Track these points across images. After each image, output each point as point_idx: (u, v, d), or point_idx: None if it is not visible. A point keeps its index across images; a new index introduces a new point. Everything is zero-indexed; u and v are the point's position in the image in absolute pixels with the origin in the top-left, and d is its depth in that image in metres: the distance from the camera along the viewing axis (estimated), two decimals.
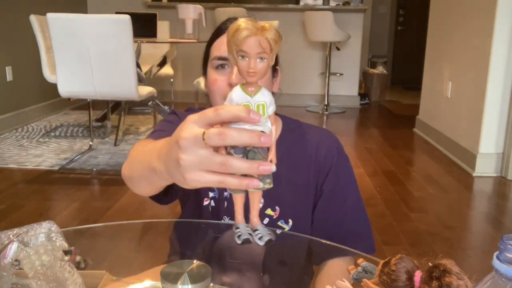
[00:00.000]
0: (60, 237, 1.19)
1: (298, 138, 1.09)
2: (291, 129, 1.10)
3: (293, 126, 1.11)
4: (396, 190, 3.14)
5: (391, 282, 0.58)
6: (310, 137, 1.09)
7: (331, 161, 1.07)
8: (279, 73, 1.08)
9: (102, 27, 3.01)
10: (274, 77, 1.06)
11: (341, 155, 1.09)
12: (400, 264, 0.59)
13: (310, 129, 1.13)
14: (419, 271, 0.57)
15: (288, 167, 1.03)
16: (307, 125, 1.14)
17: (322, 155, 1.06)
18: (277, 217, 1.02)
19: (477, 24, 3.62)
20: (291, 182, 1.03)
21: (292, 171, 1.04)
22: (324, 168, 1.06)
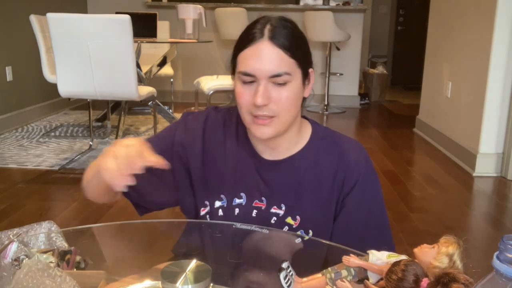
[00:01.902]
0: (60, 237, 1.19)
1: (325, 147, 1.02)
2: (319, 137, 1.04)
3: (322, 134, 1.04)
4: (396, 190, 3.14)
5: (397, 281, 0.59)
6: (338, 147, 1.02)
7: (357, 175, 1.00)
8: (313, 76, 0.99)
9: (102, 27, 3.00)
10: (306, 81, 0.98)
11: (369, 169, 1.02)
12: (411, 266, 0.60)
13: (339, 138, 1.05)
14: (427, 278, 0.58)
15: (313, 176, 1.00)
16: (337, 134, 1.06)
17: (348, 167, 1.00)
18: (297, 226, 0.99)
19: (477, 24, 3.62)
20: (314, 192, 0.99)
21: (316, 181, 1.00)
22: (349, 181, 0.99)
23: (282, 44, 0.89)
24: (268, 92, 0.90)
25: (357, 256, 0.68)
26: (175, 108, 5.47)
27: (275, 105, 0.91)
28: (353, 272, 0.67)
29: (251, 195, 1.01)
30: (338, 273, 0.67)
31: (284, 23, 0.92)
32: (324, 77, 5.92)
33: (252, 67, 0.90)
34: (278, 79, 0.90)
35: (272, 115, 0.92)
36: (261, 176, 1.01)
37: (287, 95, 0.91)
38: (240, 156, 1.03)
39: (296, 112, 0.97)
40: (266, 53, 0.89)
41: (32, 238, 1.03)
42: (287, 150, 1.01)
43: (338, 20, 5.52)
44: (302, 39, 0.94)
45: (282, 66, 0.89)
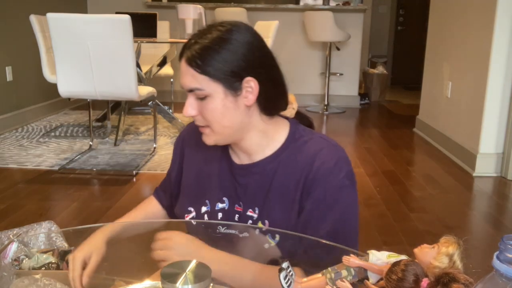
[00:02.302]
0: (60, 237, 1.19)
1: (298, 149, 1.00)
2: (295, 139, 1.02)
3: (298, 135, 1.02)
4: (396, 190, 3.14)
5: (397, 281, 0.59)
6: (310, 149, 0.99)
7: (322, 178, 0.96)
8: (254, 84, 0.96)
9: (102, 27, 3.00)
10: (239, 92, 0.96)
11: (337, 173, 0.97)
12: (411, 266, 0.60)
13: (316, 140, 1.01)
14: (426, 278, 0.58)
15: (282, 179, 1.00)
16: (315, 136, 1.03)
17: (314, 169, 0.97)
18: (266, 230, 1.01)
19: (477, 24, 3.62)
20: (282, 195, 0.99)
21: (285, 184, 0.99)
22: (312, 183, 0.96)
23: (192, 63, 0.94)
24: (194, 105, 0.96)
25: (357, 256, 0.68)
26: (175, 108, 5.47)
27: (202, 117, 0.97)
28: (353, 272, 0.67)
29: (232, 200, 1.04)
30: (338, 273, 0.67)
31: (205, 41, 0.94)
32: (324, 77, 5.92)
33: (180, 81, 0.98)
34: (197, 94, 0.95)
35: (205, 125, 0.98)
36: (237, 180, 1.04)
37: (208, 108, 0.95)
38: (218, 162, 1.08)
39: (233, 122, 0.97)
40: (182, 70, 0.96)
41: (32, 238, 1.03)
42: (260, 153, 1.03)
43: (338, 20, 5.52)
44: (227, 54, 0.93)
45: (193, 82, 0.94)
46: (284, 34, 5.70)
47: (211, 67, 0.93)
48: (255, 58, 0.96)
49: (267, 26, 3.97)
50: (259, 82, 0.96)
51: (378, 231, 2.52)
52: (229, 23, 0.97)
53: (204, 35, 0.95)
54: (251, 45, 0.96)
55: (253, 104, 0.97)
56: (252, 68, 0.95)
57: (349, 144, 4.44)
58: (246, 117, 0.98)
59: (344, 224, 0.98)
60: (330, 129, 5.09)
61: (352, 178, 0.99)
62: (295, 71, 6.08)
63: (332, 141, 1.03)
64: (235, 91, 0.95)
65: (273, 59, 1.02)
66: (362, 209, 2.80)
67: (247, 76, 0.95)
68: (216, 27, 0.95)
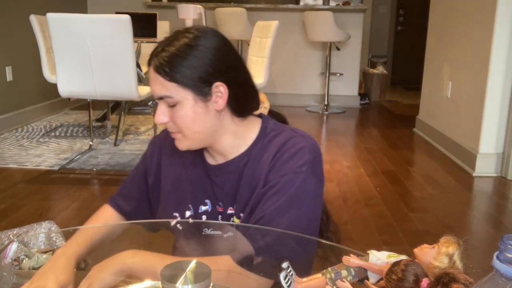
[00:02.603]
0: (60, 237, 1.19)
1: (267, 143, 1.01)
2: (265, 134, 1.03)
3: (268, 130, 1.03)
4: (396, 190, 3.14)
5: (397, 281, 0.59)
6: (278, 141, 1.00)
7: (281, 164, 0.96)
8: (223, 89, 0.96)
9: (102, 27, 3.00)
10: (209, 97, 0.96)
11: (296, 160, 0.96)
12: (411, 266, 0.60)
13: (286, 132, 1.02)
14: (426, 278, 0.58)
15: (252, 174, 1.00)
16: (285, 129, 1.04)
17: (276, 157, 0.97)
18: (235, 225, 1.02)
19: (477, 24, 3.62)
20: (251, 188, 1.00)
21: (254, 177, 1.00)
22: (271, 169, 0.97)
23: (160, 71, 0.94)
24: (165, 112, 0.97)
25: (357, 256, 0.68)
26: None
27: (173, 123, 0.97)
28: (353, 272, 0.67)
29: (213, 201, 1.06)
30: (338, 273, 0.67)
31: (172, 48, 0.94)
32: (324, 77, 5.92)
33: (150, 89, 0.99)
34: (167, 101, 0.95)
35: (177, 131, 0.98)
36: (213, 181, 1.05)
37: (179, 115, 0.96)
38: (195, 166, 1.08)
39: (204, 127, 0.98)
40: (151, 78, 0.96)
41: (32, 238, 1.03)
42: (233, 153, 1.04)
43: (338, 20, 5.52)
44: (194, 60, 0.93)
45: (163, 90, 0.94)
46: (284, 34, 5.70)
47: (180, 74, 0.93)
48: (223, 63, 0.97)
49: (267, 26, 3.97)
50: (228, 86, 0.96)
51: (378, 231, 2.52)
52: (196, 29, 0.97)
53: (171, 42, 0.95)
54: (219, 50, 0.96)
55: (223, 108, 0.98)
56: (221, 73, 0.96)
57: (349, 144, 4.44)
58: (217, 121, 0.99)
59: (291, 210, 0.93)
60: (330, 129, 5.09)
61: (314, 168, 0.98)
62: (295, 71, 6.09)
63: (302, 132, 1.03)
64: (205, 97, 0.95)
65: (242, 62, 1.02)
66: (362, 209, 2.80)
67: (216, 81, 0.95)
68: (183, 34, 0.96)
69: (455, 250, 0.61)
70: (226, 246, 1.01)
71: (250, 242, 0.93)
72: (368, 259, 0.67)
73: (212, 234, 1.04)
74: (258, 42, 4.07)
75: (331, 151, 4.07)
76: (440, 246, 0.62)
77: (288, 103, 6.06)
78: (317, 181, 0.98)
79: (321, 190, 1.01)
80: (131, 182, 1.20)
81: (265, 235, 0.92)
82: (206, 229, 1.04)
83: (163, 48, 0.95)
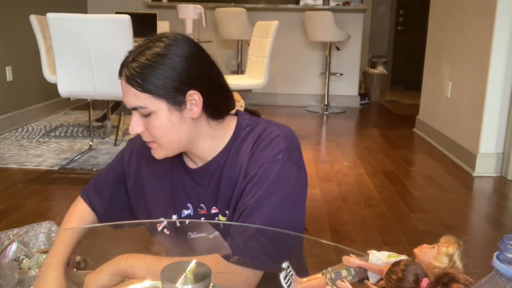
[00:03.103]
0: None
1: (243, 138, 1.02)
2: (242, 129, 1.03)
3: (244, 125, 1.04)
4: (396, 190, 3.14)
5: (397, 281, 0.59)
6: (254, 133, 1.01)
7: (258, 154, 0.97)
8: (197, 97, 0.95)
9: (102, 27, 3.00)
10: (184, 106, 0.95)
11: (272, 149, 0.96)
12: (411, 266, 0.60)
13: (261, 124, 1.03)
14: (427, 278, 0.58)
15: (229, 168, 1.00)
16: (260, 122, 1.04)
17: (253, 148, 0.98)
18: (227, 221, 1.02)
19: (477, 24, 3.62)
20: (232, 184, 1.00)
21: (233, 172, 1.00)
22: (250, 161, 0.97)
23: (132, 82, 0.92)
24: (140, 122, 0.95)
25: (357, 256, 0.68)
26: None
27: (148, 133, 0.96)
28: (353, 272, 0.67)
29: (194, 205, 1.05)
30: (338, 273, 0.67)
31: (143, 58, 0.92)
32: (324, 77, 5.92)
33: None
34: (140, 111, 0.94)
35: (152, 140, 0.97)
36: (198, 183, 1.05)
37: (154, 125, 0.94)
38: (176, 171, 1.07)
39: (180, 136, 0.97)
40: (123, 89, 0.95)
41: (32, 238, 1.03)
42: (211, 154, 1.03)
43: (338, 20, 5.52)
44: (166, 70, 0.92)
45: (135, 101, 0.93)
46: (284, 34, 5.70)
47: (152, 85, 0.91)
48: (196, 70, 0.95)
49: (267, 26, 3.97)
50: (203, 93, 0.95)
51: (378, 231, 2.52)
52: (166, 37, 0.95)
53: (142, 52, 0.93)
54: (191, 58, 0.94)
55: (199, 115, 0.97)
56: (194, 81, 0.94)
57: (349, 144, 4.44)
58: (193, 128, 0.98)
59: (272, 197, 0.93)
60: (330, 129, 5.09)
61: (291, 154, 0.97)
62: (295, 71, 6.09)
63: (276, 123, 1.04)
64: (180, 106, 0.94)
65: (215, 67, 1.01)
66: (362, 209, 2.80)
67: (190, 89, 0.94)
68: (153, 43, 0.94)
69: (455, 250, 0.61)
70: (214, 247, 1.01)
71: (234, 237, 0.93)
72: (368, 259, 0.67)
73: (197, 237, 1.03)
74: (258, 42, 4.07)
75: (331, 151, 4.07)
76: (440, 246, 0.62)
77: (288, 103, 6.06)
78: (295, 166, 0.97)
79: (302, 176, 0.99)
80: (105, 181, 1.18)
81: (247, 229, 0.92)
82: (190, 233, 1.04)
83: (134, 58, 0.93)
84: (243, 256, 0.90)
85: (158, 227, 1.07)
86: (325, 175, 3.37)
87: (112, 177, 1.16)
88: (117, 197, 1.15)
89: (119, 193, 1.14)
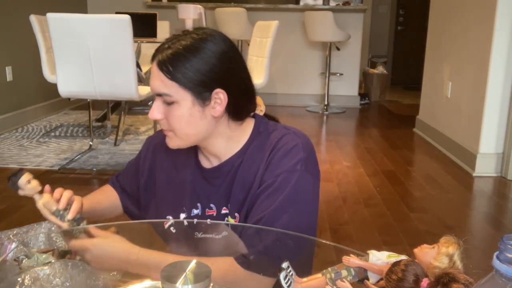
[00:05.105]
0: (60, 237, 1.18)
1: (260, 142, 1.02)
2: (258, 133, 1.03)
3: (261, 129, 1.04)
4: (396, 190, 3.14)
5: (397, 281, 0.59)
6: (272, 138, 1.01)
7: (276, 162, 0.97)
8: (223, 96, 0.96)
9: (102, 27, 3.00)
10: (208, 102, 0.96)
11: (291, 158, 0.97)
12: (411, 266, 0.60)
13: (279, 130, 1.03)
14: (427, 278, 0.58)
15: (247, 173, 1.00)
16: (278, 127, 1.05)
17: (271, 156, 0.98)
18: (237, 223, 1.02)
19: (477, 24, 3.62)
20: (246, 188, 1.00)
21: (247, 175, 1.00)
22: (267, 168, 0.97)
23: (163, 67, 0.93)
24: (160, 109, 0.96)
25: (357, 256, 0.68)
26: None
27: (167, 121, 0.97)
28: (353, 272, 0.67)
29: (203, 205, 1.06)
30: (338, 273, 0.67)
31: (179, 47, 0.93)
32: (324, 77, 5.92)
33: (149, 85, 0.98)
34: (164, 99, 0.95)
35: (169, 129, 0.98)
36: (210, 183, 1.05)
37: (174, 114, 0.95)
38: (189, 169, 1.08)
39: (197, 131, 0.97)
40: (153, 73, 0.95)
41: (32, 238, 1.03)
42: (227, 154, 1.04)
43: (338, 20, 5.52)
44: (199, 63, 0.93)
45: (162, 87, 0.94)
46: (284, 34, 5.69)
47: (181, 75, 0.92)
48: (227, 70, 0.96)
49: (267, 26, 3.97)
50: (229, 93, 0.96)
51: (378, 231, 2.52)
52: (204, 32, 0.96)
53: (178, 41, 0.94)
54: (224, 56, 0.95)
55: (221, 115, 0.97)
56: (223, 79, 0.95)
57: (349, 144, 4.44)
58: (212, 126, 0.98)
59: (290, 208, 0.94)
60: (330, 129, 5.09)
61: (308, 165, 0.98)
62: (295, 71, 6.09)
63: (294, 129, 1.04)
64: (203, 101, 0.95)
65: (246, 70, 1.02)
66: (362, 209, 2.80)
67: (217, 87, 0.94)
68: (191, 35, 0.95)
69: (455, 250, 0.61)
70: (221, 247, 1.01)
71: (249, 243, 0.93)
72: (368, 259, 0.67)
73: (204, 237, 1.03)
74: (258, 42, 4.07)
75: (331, 151, 4.07)
76: (440, 246, 0.62)
77: (288, 103, 6.06)
78: (312, 178, 0.99)
79: (317, 186, 1.01)
80: (125, 176, 1.22)
81: (264, 237, 0.93)
82: (197, 233, 1.03)
83: (169, 45, 0.94)
84: (261, 263, 0.90)
85: (165, 225, 1.07)
86: (325, 175, 3.37)
87: (131, 173, 1.20)
88: (133, 191, 1.18)
89: (135, 188, 1.18)
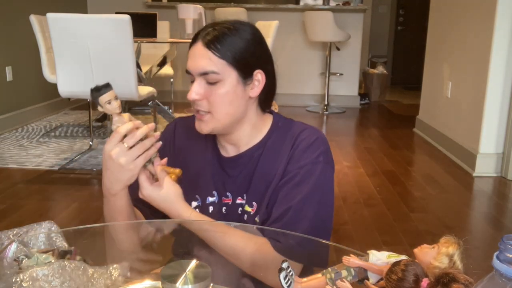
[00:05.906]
0: (60, 237, 1.18)
1: (281, 135, 1.06)
2: (278, 127, 1.08)
3: (281, 124, 1.09)
4: (396, 190, 3.14)
5: (397, 281, 0.59)
6: (292, 132, 1.06)
7: (299, 154, 1.01)
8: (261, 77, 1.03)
9: (102, 27, 3.00)
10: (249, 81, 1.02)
11: (313, 150, 1.01)
12: (411, 266, 0.60)
13: (297, 125, 1.09)
14: (427, 278, 0.58)
15: (267, 164, 1.04)
16: (295, 123, 1.10)
17: (294, 147, 1.02)
18: (254, 213, 1.03)
19: (477, 24, 3.62)
20: (268, 179, 1.02)
21: (271, 168, 1.03)
22: (290, 160, 1.01)
23: (211, 46, 0.96)
24: (202, 89, 0.98)
25: (357, 256, 0.68)
26: (175, 108, 5.47)
27: (207, 102, 0.98)
28: (353, 272, 0.67)
29: (220, 193, 1.07)
30: (338, 273, 0.67)
31: (223, 28, 0.98)
32: (324, 77, 5.92)
33: (188, 66, 1.00)
34: (208, 78, 0.97)
35: (206, 110, 0.99)
36: (227, 173, 1.07)
37: (218, 93, 0.97)
38: (206, 157, 1.10)
39: (236, 111, 1.01)
40: (197, 53, 0.98)
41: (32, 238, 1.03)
42: (247, 144, 1.07)
43: (338, 20, 5.52)
44: (242, 42, 0.98)
45: (210, 65, 0.96)
46: (284, 34, 5.69)
47: (230, 52, 0.96)
48: (265, 54, 1.04)
49: (267, 26, 3.97)
50: (266, 76, 1.02)
51: (378, 231, 2.52)
52: (241, 21, 1.02)
53: (222, 25, 0.99)
54: (262, 41, 1.03)
55: (256, 97, 1.02)
56: (262, 62, 1.02)
57: (349, 144, 4.44)
58: (245, 108, 1.02)
59: (316, 198, 0.99)
60: (330, 129, 5.09)
61: (328, 157, 1.03)
62: (295, 71, 6.08)
63: (310, 126, 1.09)
64: (245, 81, 1.00)
65: (272, 59, 1.08)
66: (362, 209, 2.80)
67: (258, 68, 1.01)
68: (231, 22, 1.00)
69: (455, 250, 0.61)
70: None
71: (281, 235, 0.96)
72: (368, 259, 0.67)
73: None
74: None
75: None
76: (440, 246, 0.62)
77: (288, 103, 6.06)
78: (331, 169, 1.05)
79: (334, 176, 1.07)
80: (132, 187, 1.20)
81: (288, 234, 0.96)
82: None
83: (214, 27, 0.98)
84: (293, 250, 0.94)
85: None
86: None
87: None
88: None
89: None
